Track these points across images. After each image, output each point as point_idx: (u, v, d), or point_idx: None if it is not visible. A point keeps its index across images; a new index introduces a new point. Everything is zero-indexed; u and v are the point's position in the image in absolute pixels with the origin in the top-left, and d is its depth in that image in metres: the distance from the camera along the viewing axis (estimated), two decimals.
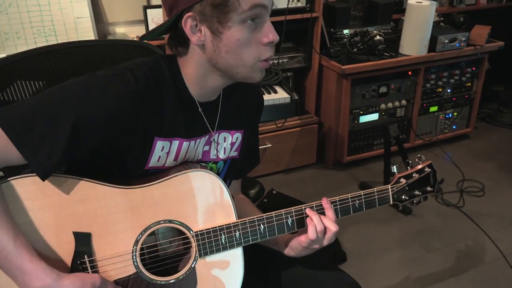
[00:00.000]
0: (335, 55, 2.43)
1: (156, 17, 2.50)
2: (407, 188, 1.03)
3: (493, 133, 3.03)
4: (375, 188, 1.00)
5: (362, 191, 0.98)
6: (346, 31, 2.56)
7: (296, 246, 0.97)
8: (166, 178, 0.85)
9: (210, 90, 0.92)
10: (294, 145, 2.51)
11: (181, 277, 0.87)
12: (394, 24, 2.66)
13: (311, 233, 0.91)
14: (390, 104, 2.56)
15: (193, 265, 0.87)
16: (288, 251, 1.00)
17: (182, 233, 0.88)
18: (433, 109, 2.72)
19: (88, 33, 2.37)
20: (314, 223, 0.91)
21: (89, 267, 0.82)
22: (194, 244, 0.87)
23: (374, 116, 2.55)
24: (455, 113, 2.80)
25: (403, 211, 2.22)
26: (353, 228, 2.11)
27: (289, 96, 2.13)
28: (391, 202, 1.03)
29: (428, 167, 1.05)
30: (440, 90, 2.68)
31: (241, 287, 0.92)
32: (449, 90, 2.71)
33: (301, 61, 2.46)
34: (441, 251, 1.99)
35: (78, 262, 0.82)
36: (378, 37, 2.38)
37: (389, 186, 1.01)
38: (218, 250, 0.88)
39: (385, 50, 2.42)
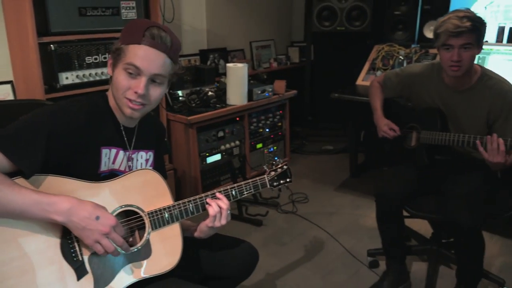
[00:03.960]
0: (178, 110, 2.94)
1: (2, 93, 2.59)
2: (276, 177, 1.48)
3: (303, 159, 3.95)
4: (257, 177, 1.45)
5: (249, 179, 1.44)
6: (180, 92, 3.11)
7: (204, 228, 1.35)
8: (122, 175, 1.18)
9: (126, 117, 1.26)
10: None
11: (140, 247, 1.18)
12: (218, 84, 3.34)
13: (211, 211, 1.30)
14: (228, 145, 3.16)
15: (148, 237, 1.19)
16: (198, 234, 1.38)
17: (131, 215, 1.20)
18: (259, 146, 3.44)
19: None
20: (212, 205, 1.31)
21: (75, 242, 1.10)
22: (147, 221, 1.20)
23: (218, 156, 3.11)
24: (275, 147, 3.58)
25: (256, 224, 2.77)
26: None
27: None
28: (268, 186, 1.46)
29: (285, 165, 1.53)
30: (261, 130, 3.43)
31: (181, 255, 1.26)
32: (267, 130, 3.48)
33: None
34: (290, 244, 2.58)
35: (67, 237, 1.09)
36: (210, 93, 3.00)
37: (265, 176, 1.47)
38: (163, 224, 1.22)
39: (217, 102, 3.05)
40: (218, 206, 1.31)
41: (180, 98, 3.07)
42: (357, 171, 3.56)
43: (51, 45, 2.23)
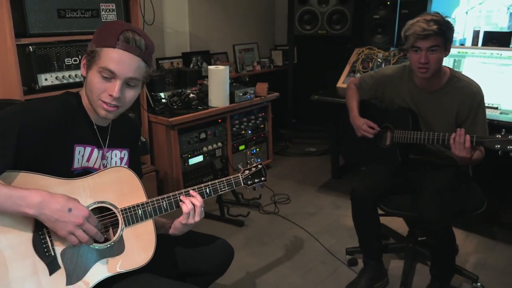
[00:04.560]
0: (160, 112, 2.95)
1: None
2: (250, 176, 1.51)
3: (286, 161, 3.98)
4: (231, 176, 1.48)
5: (223, 178, 1.46)
6: (162, 94, 3.13)
7: (178, 225, 1.37)
8: (96, 172, 1.20)
9: (99, 117, 1.28)
10: None
11: (113, 243, 1.19)
12: (200, 86, 3.37)
13: (184, 209, 1.32)
14: (210, 147, 3.18)
15: (121, 233, 1.21)
16: (172, 231, 1.39)
17: (105, 211, 1.21)
18: (242, 147, 3.46)
19: None
20: (185, 202, 1.33)
21: (47, 237, 1.11)
22: (120, 217, 1.21)
23: (200, 158, 3.12)
24: (258, 149, 3.61)
25: (238, 224, 2.79)
26: None
27: None
28: (242, 185, 1.49)
29: (260, 165, 1.55)
30: (244, 132, 3.46)
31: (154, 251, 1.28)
32: (250, 132, 3.51)
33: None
34: (271, 244, 2.61)
35: (39, 233, 1.10)
36: (192, 94, 3.02)
37: (239, 174, 1.49)
38: (137, 220, 1.24)
39: (198, 104, 3.07)
40: (191, 204, 1.33)
41: (162, 100, 3.09)
42: (338, 172, 3.60)
43: (30, 47, 2.23)
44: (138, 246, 1.24)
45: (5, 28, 2.15)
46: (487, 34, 3.06)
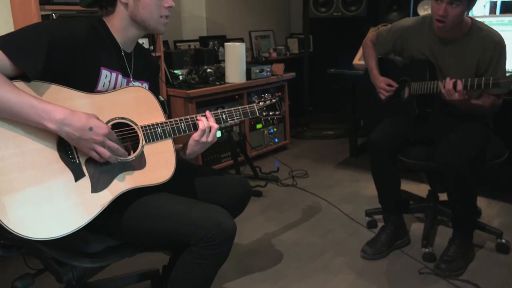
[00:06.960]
0: (178, 86, 3.00)
1: None
2: (265, 108, 1.56)
3: (302, 143, 3.98)
4: (246, 105, 1.52)
5: (239, 107, 1.50)
6: (179, 71, 3.18)
7: (191, 142, 1.40)
8: (117, 89, 1.24)
9: (129, 40, 1.34)
10: None
11: (134, 157, 1.22)
12: (217, 66, 3.41)
13: (201, 125, 1.37)
14: (227, 123, 3.20)
15: (142, 149, 1.23)
16: (187, 151, 1.43)
17: (124, 127, 1.24)
18: (259, 126, 3.48)
19: None
20: (203, 121, 1.39)
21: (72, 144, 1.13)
22: (140, 134, 1.24)
23: (217, 134, 3.14)
24: (275, 129, 3.62)
25: (256, 195, 2.80)
26: None
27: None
28: (257, 114, 1.54)
29: (274, 99, 1.61)
30: None
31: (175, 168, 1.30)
32: None
33: None
34: (289, 210, 2.61)
35: (64, 140, 1.12)
36: (209, 70, 3.07)
37: (254, 104, 1.54)
38: (156, 139, 1.27)
39: (216, 80, 3.11)
40: (208, 123, 1.36)
41: (180, 76, 3.14)
42: (357, 151, 3.58)
43: (53, 14, 2.31)
44: (159, 162, 1.26)
45: None
46: (504, 4, 3.04)
